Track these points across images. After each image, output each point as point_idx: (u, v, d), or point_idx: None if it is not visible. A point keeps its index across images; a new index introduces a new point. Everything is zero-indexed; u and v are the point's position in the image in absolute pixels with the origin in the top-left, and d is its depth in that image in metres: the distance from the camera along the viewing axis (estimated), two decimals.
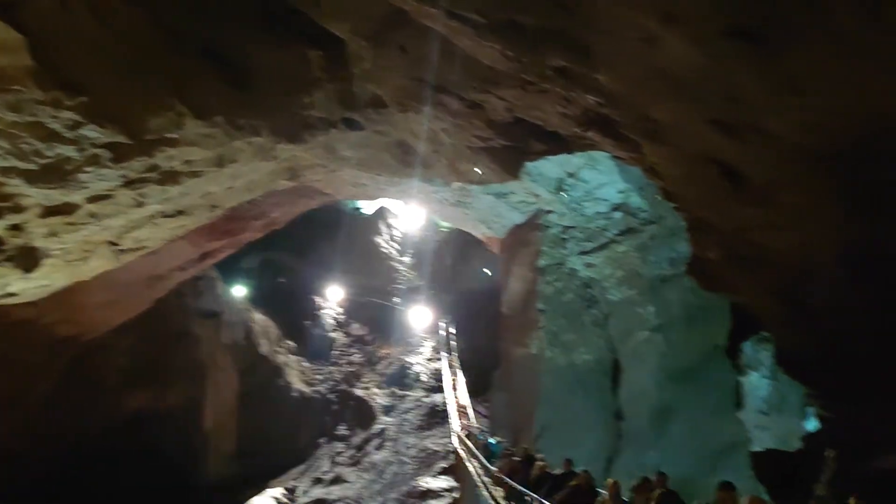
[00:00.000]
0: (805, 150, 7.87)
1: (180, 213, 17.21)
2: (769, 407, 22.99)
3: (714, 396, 23.82)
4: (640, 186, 23.78)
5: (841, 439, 7.35)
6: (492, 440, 20.80)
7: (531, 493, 13.09)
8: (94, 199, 12.96)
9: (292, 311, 45.18)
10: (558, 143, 14.18)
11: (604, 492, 10.74)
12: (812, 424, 19.54)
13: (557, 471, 14.12)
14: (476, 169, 16.59)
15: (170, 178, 13.91)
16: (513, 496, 14.63)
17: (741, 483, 22.27)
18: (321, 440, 39.93)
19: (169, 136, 12.45)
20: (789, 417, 22.86)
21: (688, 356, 24.44)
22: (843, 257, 8.41)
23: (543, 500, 11.78)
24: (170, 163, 13.44)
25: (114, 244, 16.47)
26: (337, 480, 35.19)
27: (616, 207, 25.09)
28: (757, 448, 17.26)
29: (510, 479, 15.06)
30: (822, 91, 7.06)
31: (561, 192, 24.47)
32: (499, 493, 16.12)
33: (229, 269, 39.01)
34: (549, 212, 26.73)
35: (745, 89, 7.38)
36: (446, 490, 30.52)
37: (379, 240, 52.03)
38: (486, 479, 17.93)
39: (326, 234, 47.93)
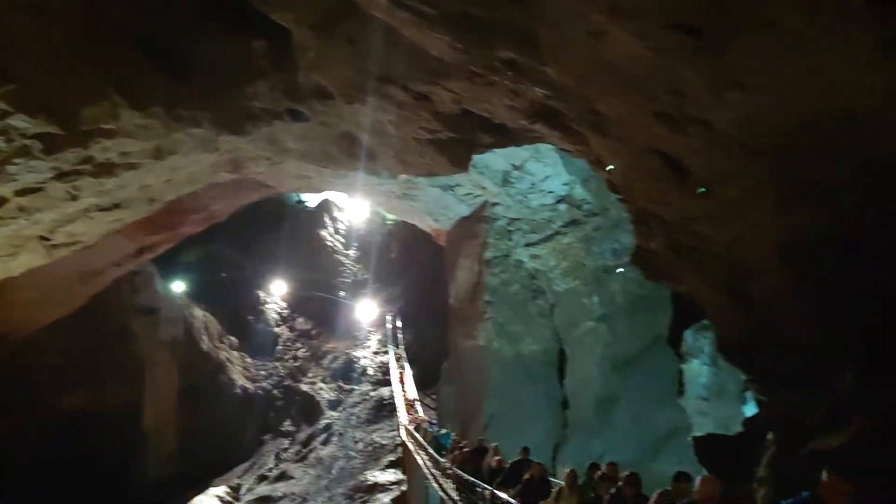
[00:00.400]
0: (745, 144, 8.10)
1: (116, 206, 16.64)
2: (709, 393, 23.79)
3: (657, 384, 24.50)
4: (584, 178, 24.17)
5: (779, 422, 7.62)
6: (442, 432, 20.74)
7: (481, 484, 12.91)
8: (23, 191, 12.42)
9: (235, 307, 44.36)
10: (505, 136, 14.26)
11: (560, 482, 10.50)
12: (751, 409, 20.26)
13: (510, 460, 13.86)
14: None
15: (105, 170, 13.42)
16: (465, 488, 14.37)
17: (683, 468, 22.98)
18: (266, 437, 39.40)
19: (104, 126, 12.00)
20: (729, 403, 23.70)
21: (631, 345, 25.04)
22: (779, 248, 8.70)
23: (496, 492, 11.57)
24: (105, 154, 12.96)
25: (45, 239, 15.81)
26: (282, 477, 34.75)
27: (561, 199, 25.44)
28: (698, 433, 17.78)
29: (461, 470, 14.82)
30: (763, 87, 7.27)
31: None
32: (449, 485, 15.89)
33: (168, 264, 37.95)
34: (496, 204, 26.92)
35: (689, 83, 7.54)
36: (394, 483, 30.48)
37: (323, 233, 51.47)
38: (435, 471, 17.79)
39: (269, 227, 47.15)
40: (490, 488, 12.20)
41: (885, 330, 7.62)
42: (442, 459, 17.58)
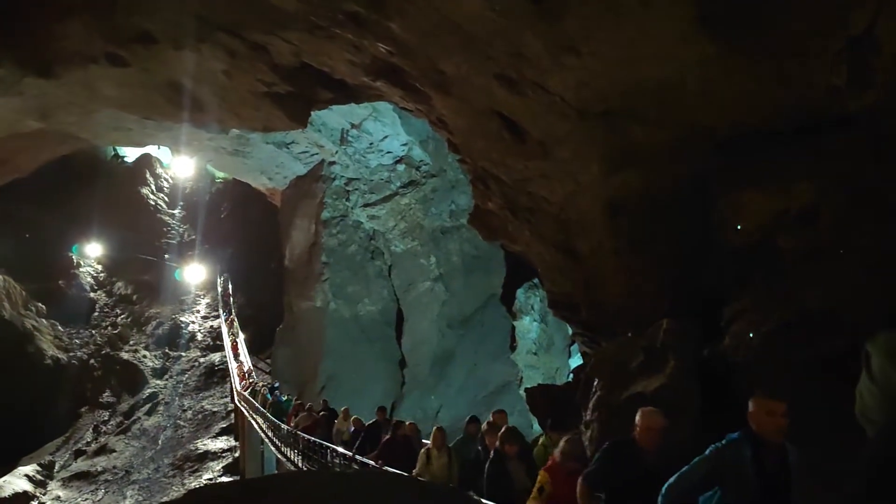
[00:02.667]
0: (577, 108, 8.56)
1: None
2: (538, 348, 25.32)
3: (490, 341, 25.72)
4: (422, 139, 24.43)
5: (603, 370, 8.25)
6: (283, 398, 20.08)
7: (337, 449, 12.23)
8: None
9: (42, 271, 40.22)
10: (346, 92, 13.96)
11: (427, 441, 9.39)
12: (576, 361, 21.85)
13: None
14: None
15: None
16: (313, 454, 13.55)
17: (513, 418, 24.40)
18: (82, 409, 36.51)
19: None
20: (556, 356, 25.41)
21: (467, 304, 26.01)
22: (605, 206, 9.34)
23: (359, 457, 10.85)
24: None
25: None
26: (103, 451, 32.50)
27: (399, 160, 25.57)
28: (529, 385, 18.93)
29: (311, 435, 14.00)
30: (595, 53, 7.69)
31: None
32: (292, 452, 15.10)
33: None
34: (333, 163, 26.51)
35: (529, 47, 7.79)
36: (226, 450, 29.60)
37: (145, 191, 47.97)
38: (275, 438, 17.15)
39: (82, 183, 43.05)
40: (348, 453, 11.50)
41: (685, 281, 8.49)
42: (284, 426, 16.59)
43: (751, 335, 7.01)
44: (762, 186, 7.62)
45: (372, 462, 10.06)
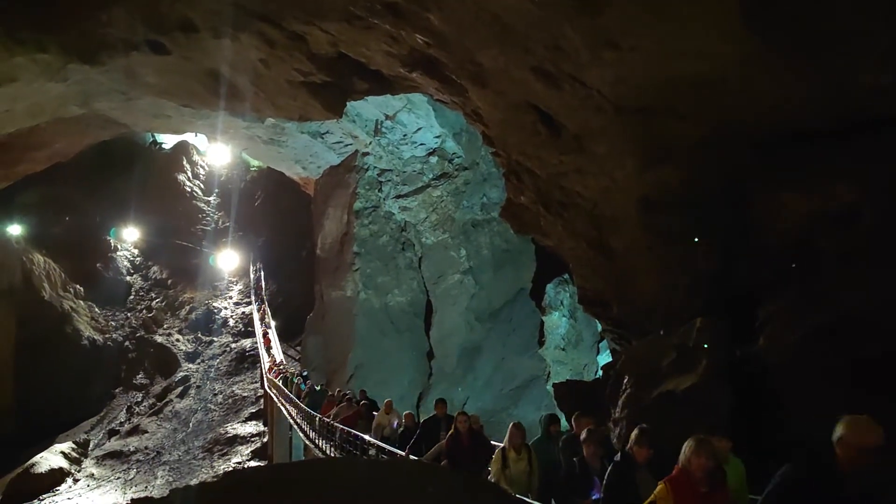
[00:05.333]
0: (614, 102, 8.48)
1: None
2: (567, 343, 25.22)
3: (519, 335, 25.68)
4: (455, 132, 24.41)
5: (633, 368, 8.20)
6: (318, 388, 19.34)
7: (385, 447, 10.79)
8: None
9: (81, 253, 41.13)
10: (381, 84, 14.00)
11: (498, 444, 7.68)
12: (604, 358, 21.73)
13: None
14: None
15: None
16: (353, 448, 12.27)
17: (539, 413, 24.40)
18: (117, 390, 37.35)
19: None
20: (584, 352, 25.28)
21: (496, 298, 26.00)
22: (639, 203, 9.26)
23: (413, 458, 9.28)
24: None
25: None
26: (135, 431, 33.21)
27: (432, 152, 25.59)
28: (556, 381, 18.86)
29: (352, 428, 12.90)
30: (635, 47, 7.61)
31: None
32: (328, 445, 14.33)
33: (2, 205, 34.52)
34: (367, 154, 26.61)
35: (568, 40, 7.73)
36: (255, 435, 30.05)
37: (181, 177, 48.69)
38: (309, 430, 16.59)
39: (121, 169, 43.84)
40: (398, 451, 10.08)
41: (719, 280, 8.39)
42: (319, 416, 15.62)
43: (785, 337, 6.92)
44: (801, 186, 7.49)
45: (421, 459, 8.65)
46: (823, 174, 7.28)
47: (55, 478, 29.29)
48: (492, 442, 8.32)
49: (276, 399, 23.50)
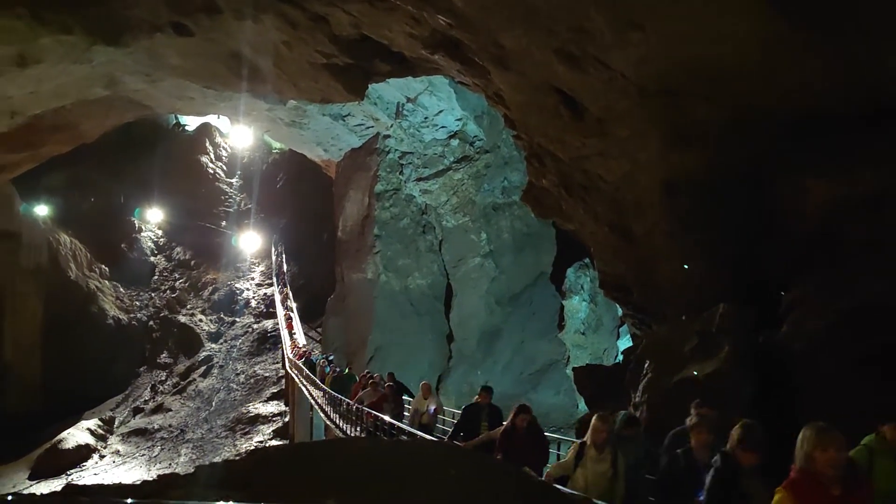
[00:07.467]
0: (638, 84, 8.38)
1: None
2: (586, 328, 25.18)
3: (539, 319, 25.66)
4: (476, 115, 24.29)
5: (654, 353, 8.18)
6: (345, 372, 18.75)
7: (415, 432, 10.25)
8: None
9: (106, 234, 41.66)
10: (403, 65, 13.97)
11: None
12: (624, 343, 21.65)
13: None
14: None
15: None
16: (381, 433, 11.81)
17: (559, 397, 24.38)
18: (141, 369, 37.98)
19: None
20: (604, 337, 25.23)
21: (516, 281, 25.98)
22: (662, 186, 9.17)
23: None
24: None
25: None
26: (159, 409, 33.79)
27: (453, 135, 25.50)
28: (576, 365, 18.87)
29: (378, 412, 12.44)
30: (659, 29, 7.50)
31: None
32: (353, 429, 14.01)
33: (29, 186, 34.97)
34: (388, 136, 26.59)
35: (592, 21, 7.64)
36: (276, 415, 30.44)
37: (204, 159, 48.98)
38: (334, 414, 16.34)
39: (144, 150, 44.20)
40: (429, 437, 9.55)
41: (741, 265, 8.30)
42: (346, 400, 15.15)
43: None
44: (826, 171, 7.38)
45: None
46: (849, 159, 7.16)
47: (82, 454, 29.98)
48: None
49: (297, 380, 23.74)
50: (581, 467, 5.59)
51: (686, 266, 8.66)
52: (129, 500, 3.11)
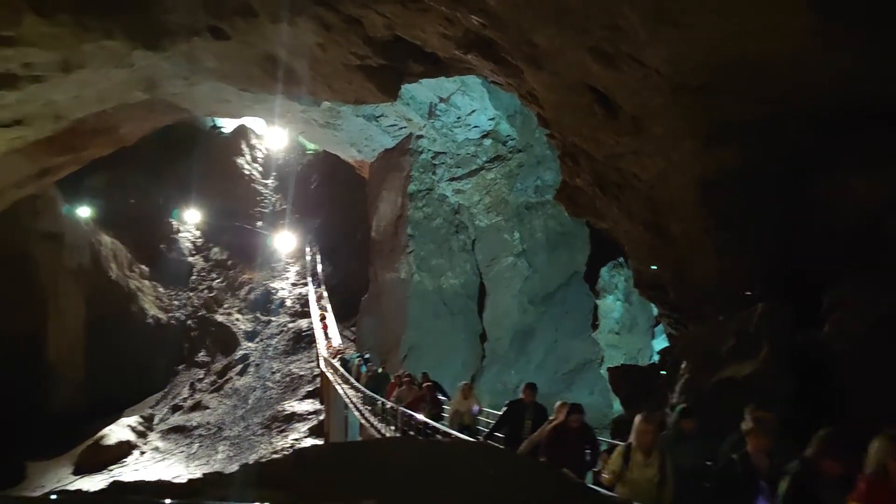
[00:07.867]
0: (672, 81, 8.28)
1: (18, 122, 15.51)
2: (621, 327, 25.00)
3: (572, 319, 25.53)
4: (509, 114, 24.25)
5: (691, 353, 8.08)
6: (379, 371, 18.70)
7: (450, 432, 10.14)
8: None
9: (145, 234, 42.63)
10: (436, 66, 14.02)
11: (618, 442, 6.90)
12: (659, 343, 21.44)
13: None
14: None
15: (6, 82, 12.41)
16: (417, 433, 11.64)
17: (593, 397, 24.22)
18: (180, 367, 38.75)
19: (4, 33, 11.03)
20: (638, 336, 25.01)
21: (549, 281, 25.87)
22: (698, 185, 9.05)
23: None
24: (6, 65, 11.99)
25: None
26: (197, 407, 34.44)
27: (486, 134, 25.50)
28: (610, 365, 18.75)
29: (414, 411, 12.47)
30: (694, 24, 7.41)
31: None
32: (388, 429, 14.02)
33: (72, 188, 35.90)
34: (421, 137, 26.69)
35: (626, 19, 7.58)
36: (312, 413, 30.77)
37: (240, 161, 49.74)
38: (370, 415, 16.41)
39: (182, 153, 45.12)
40: (467, 438, 9.40)
41: (779, 264, 8.15)
42: (382, 400, 15.29)
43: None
44: (867, 169, 7.22)
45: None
46: (891, 156, 6.99)
47: (123, 450, 30.72)
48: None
49: (331, 378, 23.96)
50: (629, 471, 5.31)
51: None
52: (168, 501, 3.20)
